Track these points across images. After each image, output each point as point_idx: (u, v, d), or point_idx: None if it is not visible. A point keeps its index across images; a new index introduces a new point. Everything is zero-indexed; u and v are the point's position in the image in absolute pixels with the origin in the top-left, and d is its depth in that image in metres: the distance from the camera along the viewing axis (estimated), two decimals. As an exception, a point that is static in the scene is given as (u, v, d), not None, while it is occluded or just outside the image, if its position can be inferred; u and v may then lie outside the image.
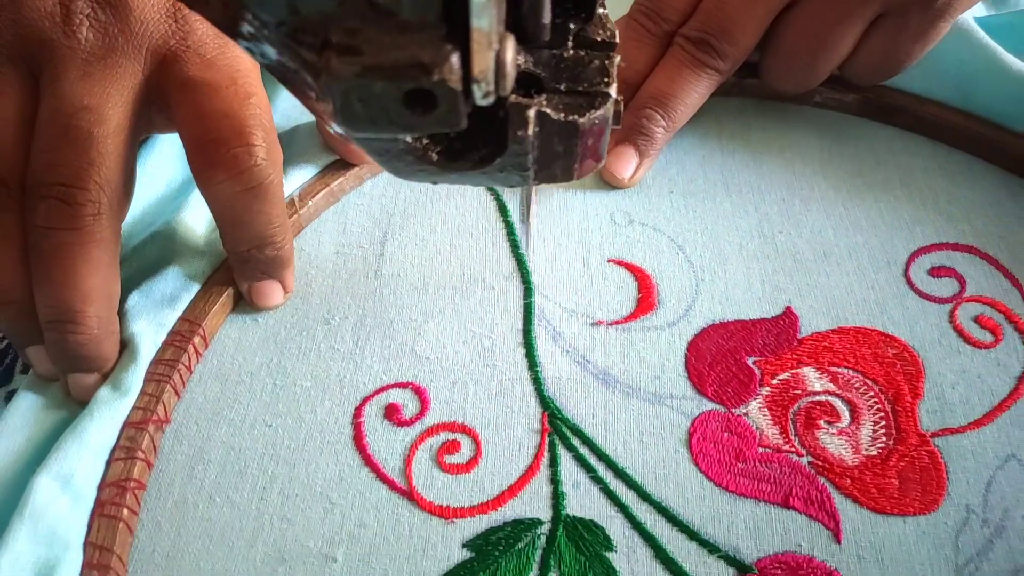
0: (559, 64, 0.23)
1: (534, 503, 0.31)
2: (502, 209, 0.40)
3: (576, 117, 0.22)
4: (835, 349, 0.35)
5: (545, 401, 0.34)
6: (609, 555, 0.30)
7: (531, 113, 0.21)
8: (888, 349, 0.35)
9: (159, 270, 0.35)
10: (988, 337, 0.36)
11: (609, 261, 0.38)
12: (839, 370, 0.35)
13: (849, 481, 0.32)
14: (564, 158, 0.23)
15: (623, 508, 0.31)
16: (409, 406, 0.34)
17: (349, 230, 0.39)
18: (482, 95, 0.19)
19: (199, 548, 0.30)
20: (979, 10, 0.46)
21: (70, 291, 0.30)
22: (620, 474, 0.32)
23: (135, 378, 0.32)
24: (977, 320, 0.36)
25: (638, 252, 0.39)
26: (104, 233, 0.31)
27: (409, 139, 0.22)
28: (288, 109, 0.43)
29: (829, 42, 0.39)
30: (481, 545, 0.30)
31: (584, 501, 0.31)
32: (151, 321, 0.34)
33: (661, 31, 0.40)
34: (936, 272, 0.38)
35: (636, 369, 0.35)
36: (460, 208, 0.40)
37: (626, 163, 0.40)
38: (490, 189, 0.41)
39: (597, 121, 0.22)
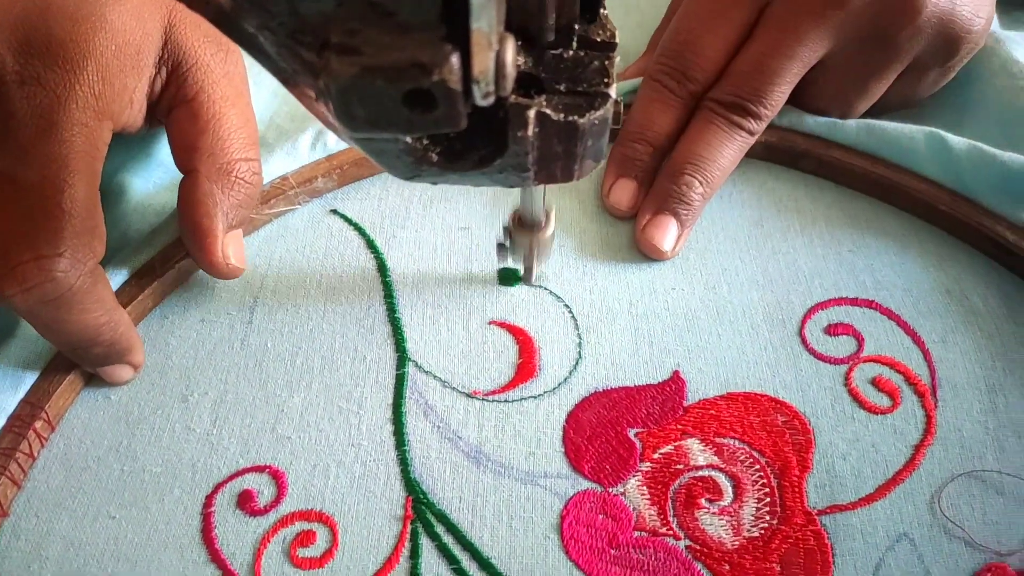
0: (559, 65, 0.23)
1: (390, 600, 0.29)
2: (382, 269, 0.38)
3: (576, 118, 0.22)
4: (722, 418, 0.33)
5: (411, 484, 0.32)
6: (466, 658, 0.28)
7: (531, 113, 0.21)
8: (778, 416, 0.33)
9: (0, 348, 0.33)
10: (885, 401, 0.34)
11: (490, 323, 0.36)
12: (725, 441, 0.33)
13: (727, 567, 0.30)
14: (564, 159, 0.23)
15: (485, 604, 0.29)
16: (265, 492, 0.32)
17: (217, 294, 0.37)
18: (482, 95, 0.19)
19: (25, 660, 0.28)
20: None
21: None
22: (485, 565, 0.30)
23: (-34, 471, 0.30)
24: (874, 382, 0.34)
25: (522, 312, 0.37)
26: None
27: (409, 139, 0.22)
28: (160, 178, 0.40)
29: (864, 95, 0.40)
30: (330, 650, 0.28)
31: (444, 596, 0.29)
32: (-12, 408, 0.32)
33: (687, 92, 0.39)
34: (833, 330, 0.36)
35: (510, 445, 0.33)
36: (337, 268, 0.38)
37: (666, 233, 0.38)
38: (369, 244, 0.39)
39: (597, 122, 0.22)
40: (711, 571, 0.30)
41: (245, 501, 0.31)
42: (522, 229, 0.33)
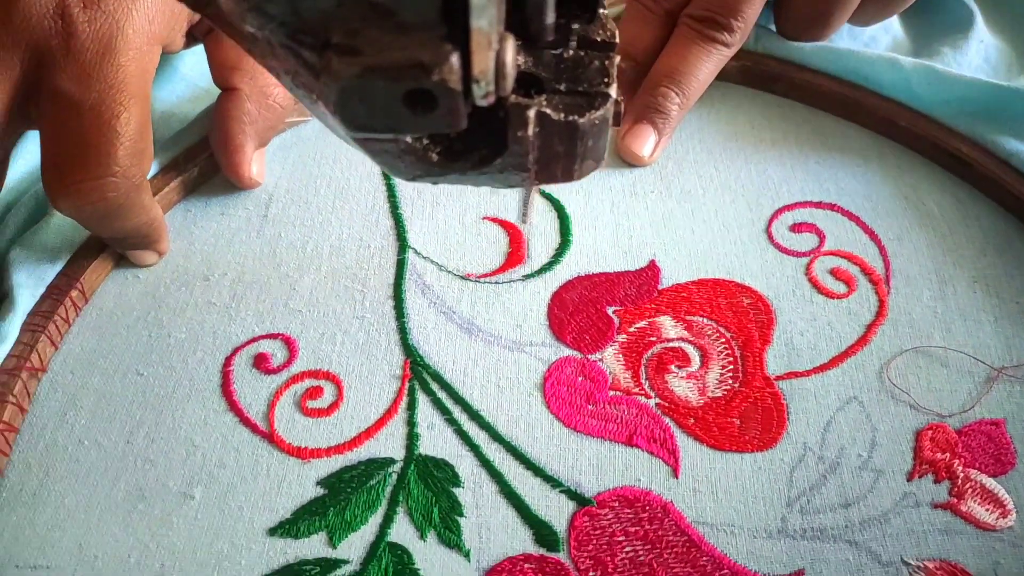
0: (559, 64, 0.23)
1: (389, 444, 0.33)
2: (385, 172, 0.41)
3: (576, 117, 0.22)
4: (693, 299, 0.37)
5: (409, 349, 0.35)
6: (456, 490, 0.31)
7: (531, 113, 0.21)
8: (743, 299, 0.37)
9: (41, 223, 0.37)
10: (842, 288, 0.37)
11: (484, 218, 0.40)
12: (694, 319, 0.36)
13: (692, 421, 0.33)
14: (564, 159, 0.23)
15: (474, 448, 0.33)
16: (278, 355, 0.35)
17: (235, 192, 0.41)
18: (482, 95, 0.19)
19: (64, 487, 0.32)
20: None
21: None
22: (474, 416, 0.33)
23: (11, 327, 0.34)
24: (832, 272, 0.38)
25: (512, 210, 0.40)
26: None
27: (409, 139, 0.22)
28: (183, 90, 0.44)
29: (841, 4, 0.41)
30: (334, 483, 0.32)
31: (437, 442, 0.33)
32: (31, 274, 0.35)
33: (663, 10, 0.42)
34: (797, 228, 0.39)
35: (500, 319, 0.36)
36: (345, 172, 0.41)
37: (644, 141, 0.41)
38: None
39: (597, 122, 0.22)
40: (678, 424, 0.33)
41: (260, 362, 0.35)
42: None
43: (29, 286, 0.35)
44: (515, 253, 0.38)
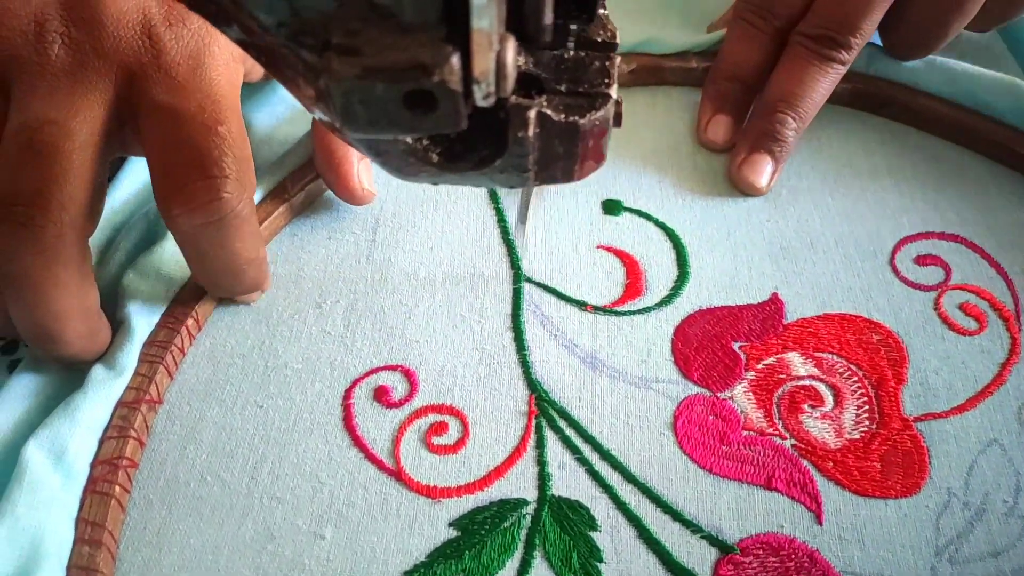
0: (560, 65, 0.23)
1: (520, 484, 0.32)
2: (493, 196, 0.40)
3: (577, 118, 0.22)
4: (820, 335, 0.36)
5: (533, 384, 0.34)
6: (593, 534, 0.30)
7: (532, 114, 0.21)
8: (872, 335, 0.36)
9: (155, 248, 0.36)
10: (972, 324, 0.36)
11: (598, 247, 0.39)
12: (823, 355, 0.35)
13: (831, 464, 0.32)
14: (565, 159, 0.23)
15: (608, 489, 0.32)
16: (398, 388, 0.34)
17: (341, 215, 0.40)
18: (482, 96, 0.19)
19: (189, 525, 0.31)
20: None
21: (42, 314, 0.30)
22: (605, 456, 0.32)
23: (129, 358, 0.33)
24: (962, 308, 0.37)
25: (627, 239, 0.39)
26: (69, 252, 0.30)
27: (409, 140, 0.22)
28: (282, 112, 0.43)
29: (961, 6, 0.39)
30: (467, 524, 0.31)
31: (570, 482, 0.32)
32: (146, 302, 0.34)
33: (772, 28, 0.41)
34: (922, 260, 0.38)
35: (623, 353, 0.35)
36: (451, 194, 0.41)
37: (762, 171, 0.40)
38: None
39: (598, 122, 0.22)
40: (816, 467, 0.32)
41: (381, 395, 0.34)
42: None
43: (144, 315, 0.34)
44: (633, 284, 0.37)
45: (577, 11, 0.23)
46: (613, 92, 0.22)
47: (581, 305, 0.37)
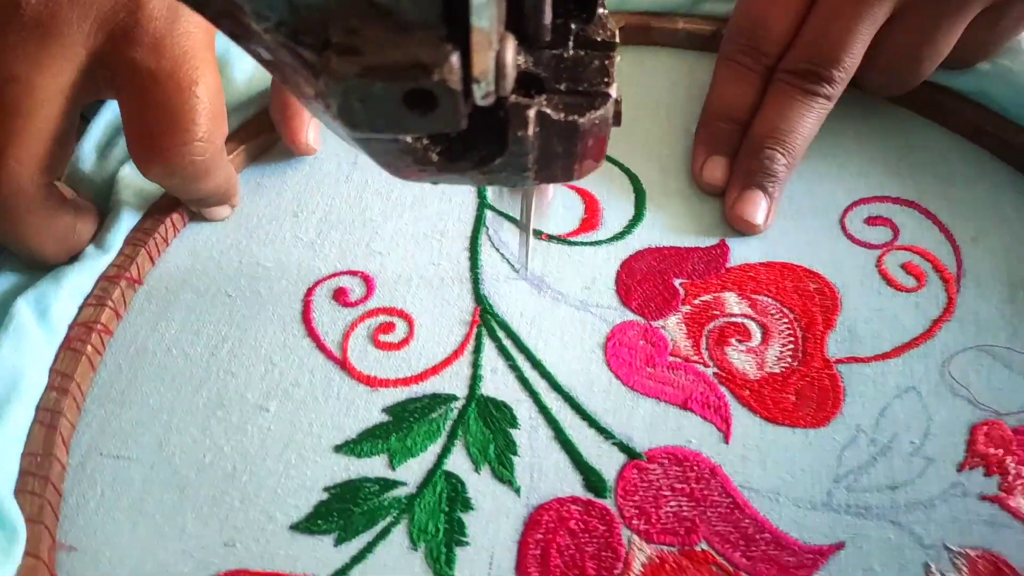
0: (559, 64, 0.23)
1: (453, 382, 0.34)
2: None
3: (576, 117, 0.22)
4: (759, 279, 0.37)
5: (480, 298, 0.37)
6: (512, 431, 0.33)
7: (531, 113, 0.21)
8: (810, 283, 0.37)
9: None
10: (911, 282, 0.37)
11: (563, 184, 0.41)
12: (759, 297, 0.37)
13: (748, 392, 0.34)
14: (564, 158, 0.23)
15: (533, 394, 0.34)
16: (356, 291, 0.37)
17: (328, 139, 0.43)
18: (482, 95, 0.19)
19: (151, 388, 0.34)
20: None
21: (13, 243, 0.34)
22: (536, 365, 0.35)
23: (116, 239, 0.37)
24: (904, 266, 0.38)
25: (591, 179, 0.41)
26: (30, 202, 0.32)
27: (409, 139, 0.22)
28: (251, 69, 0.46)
29: (935, 47, 0.39)
30: (399, 411, 0.33)
31: (499, 385, 0.34)
32: (137, 193, 0.38)
33: (761, 66, 0.41)
34: (872, 221, 0.40)
35: (569, 279, 0.37)
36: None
37: (757, 208, 0.39)
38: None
39: (597, 121, 0.22)
40: (733, 394, 0.34)
41: (339, 295, 0.37)
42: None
43: (135, 204, 0.38)
44: (590, 219, 0.40)
45: (577, 10, 0.23)
46: (613, 91, 0.22)
47: (537, 233, 0.39)
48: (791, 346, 0.35)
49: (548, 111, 0.22)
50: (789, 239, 0.39)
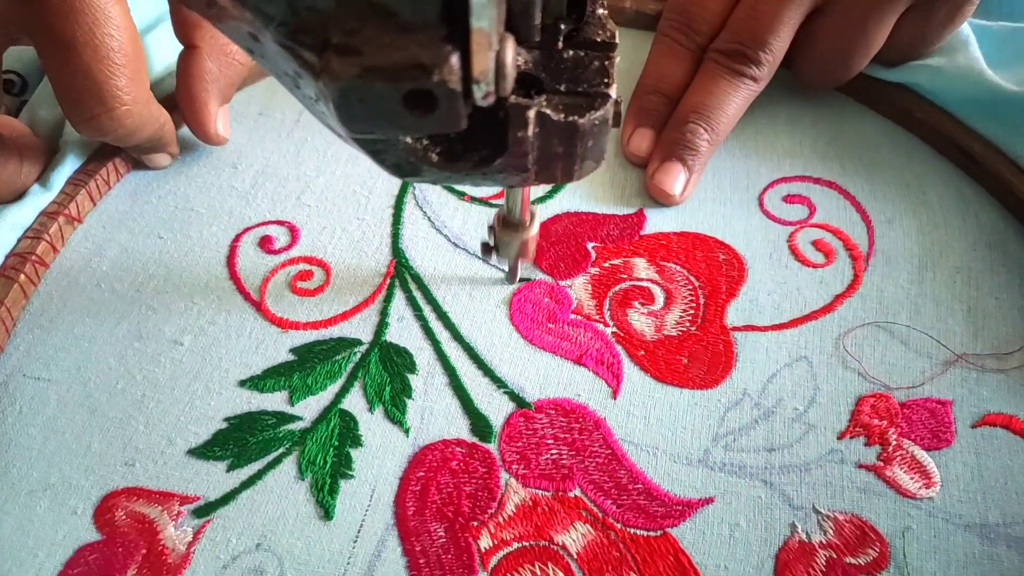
0: (559, 65, 0.23)
1: (360, 328, 0.36)
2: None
3: (576, 118, 0.22)
4: (671, 248, 0.38)
5: (397, 251, 0.38)
6: (410, 376, 0.34)
7: (531, 114, 0.21)
8: (719, 254, 0.38)
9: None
10: (820, 258, 0.38)
11: (493, 151, 0.42)
12: (667, 264, 0.38)
13: (643, 352, 0.35)
14: (564, 159, 0.23)
15: (435, 343, 0.35)
16: (281, 239, 0.39)
17: (275, 97, 0.45)
18: (482, 96, 0.19)
19: (77, 318, 0.36)
20: None
21: None
22: (441, 316, 0.36)
23: (59, 178, 0.39)
24: (814, 243, 0.39)
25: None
26: None
27: (409, 139, 0.22)
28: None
29: (865, 40, 0.40)
30: (305, 352, 0.35)
31: (403, 332, 0.36)
32: (83, 137, 0.40)
33: (694, 44, 0.42)
34: (790, 199, 0.40)
35: (485, 237, 0.39)
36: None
37: (675, 179, 0.40)
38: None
39: (597, 122, 0.22)
40: (628, 353, 0.35)
41: (265, 243, 0.39)
42: (507, 229, 0.33)
43: (80, 146, 0.40)
44: (514, 183, 0.41)
45: (567, 11, 0.23)
46: (612, 92, 0.22)
47: (460, 195, 0.40)
48: (692, 312, 0.36)
49: (548, 112, 0.22)
50: (706, 211, 0.40)
